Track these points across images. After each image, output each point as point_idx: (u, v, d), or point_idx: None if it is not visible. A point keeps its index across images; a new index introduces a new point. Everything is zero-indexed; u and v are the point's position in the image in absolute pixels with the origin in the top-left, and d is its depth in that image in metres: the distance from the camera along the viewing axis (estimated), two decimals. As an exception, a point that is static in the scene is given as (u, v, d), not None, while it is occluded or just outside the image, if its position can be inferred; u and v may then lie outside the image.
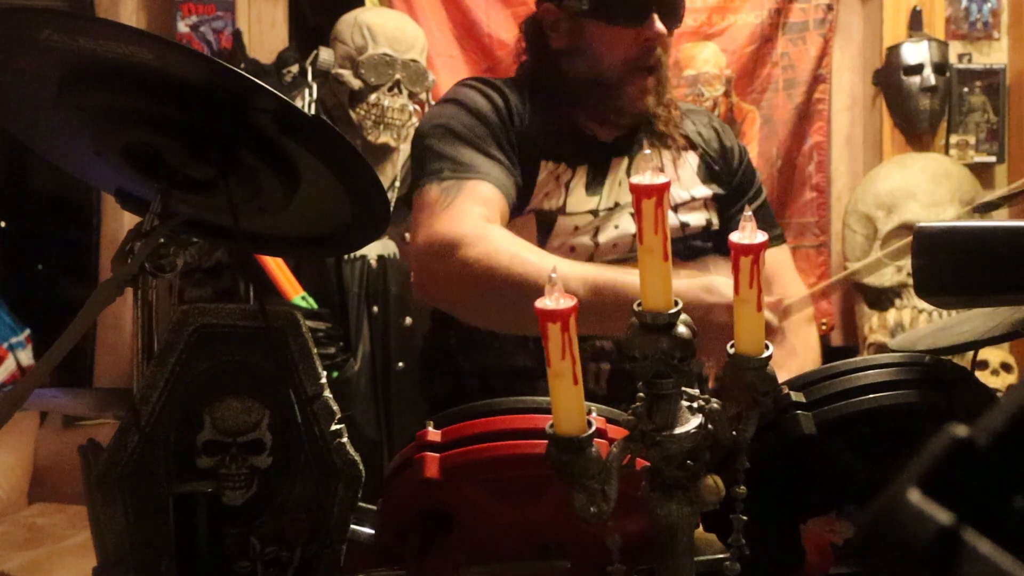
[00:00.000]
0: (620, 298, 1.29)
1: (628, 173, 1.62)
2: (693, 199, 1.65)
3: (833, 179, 3.62)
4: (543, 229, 1.56)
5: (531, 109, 1.61)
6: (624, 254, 1.57)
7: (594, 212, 1.58)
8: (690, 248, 1.63)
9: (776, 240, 1.74)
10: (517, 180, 1.54)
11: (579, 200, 1.58)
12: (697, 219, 1.64)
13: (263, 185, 1.09)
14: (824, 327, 3.52)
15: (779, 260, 1.73)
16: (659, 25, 1.53)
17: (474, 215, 1.43)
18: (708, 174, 1.69)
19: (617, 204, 1.60)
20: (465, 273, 1.39)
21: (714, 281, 1.33)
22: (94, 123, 1.06)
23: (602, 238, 1.57)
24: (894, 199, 3.34)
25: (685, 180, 1.65)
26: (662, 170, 1.53)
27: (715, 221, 1.68)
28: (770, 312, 1.33)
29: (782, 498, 1.02)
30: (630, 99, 1.58)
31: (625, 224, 1.59)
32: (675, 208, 1.62)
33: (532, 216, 1.56)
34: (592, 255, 1.56)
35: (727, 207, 1.69)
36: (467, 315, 1.52)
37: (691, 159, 1.68)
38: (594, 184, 1.59)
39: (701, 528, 0.97)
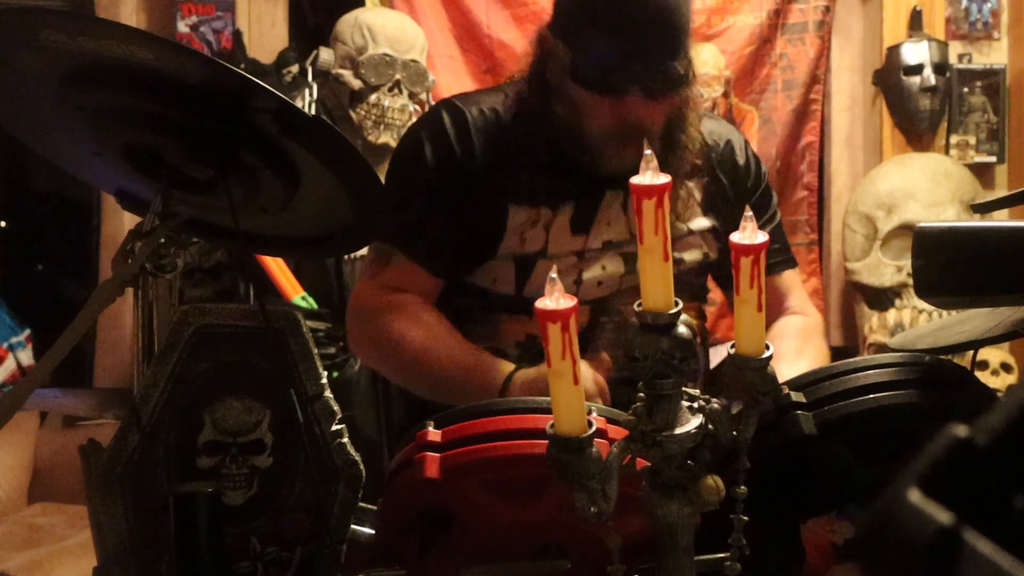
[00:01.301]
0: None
1: (624, 209, 1.50)
2: (691, 233, 1.55)
3: (833, 179, 3.63)
4: (521, 272, 1.47)
5: (503, 137, 1.48)
6: (609, 291, 1.50)
7: (579, 253, 1.49)
8: (686, 285, 1.54)
9: (786, 264, 1.65)
10: (454, 254, 1.49)
11: (563, 241, 1.48)
12: (693, 255, 1.56)
13: (263, 185, 1.09)
14: None
15: (789, 281, 1.65)
16: (639, 101, 1.38)
17: (387, 291, 1.51)
18: (710, 204, 1.58)
19: (607, 243, 1.50)
20: (381, 340, 1.52)
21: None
22: (94, 123, 1.06)
23: (586, 276, 1.48)
24: (894, 199, 3.34)
25: (684, 213, 1.54)
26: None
27: (712, 253, 1.59)
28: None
29: (782, 498, 1.02)
30: (609, 161, 1.44)
31: (613, 265, 1.50)
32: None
33: (510, 261, 1.48)
34: (575, 292, 1.45)
35: (732, 233, 1.56)
36: (385, 375, 1.69)
37: (695, 188, 1.56)
38: (581, 223, 1.48)
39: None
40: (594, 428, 0.80)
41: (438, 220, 1.49)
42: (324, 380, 1.07)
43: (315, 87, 2.88)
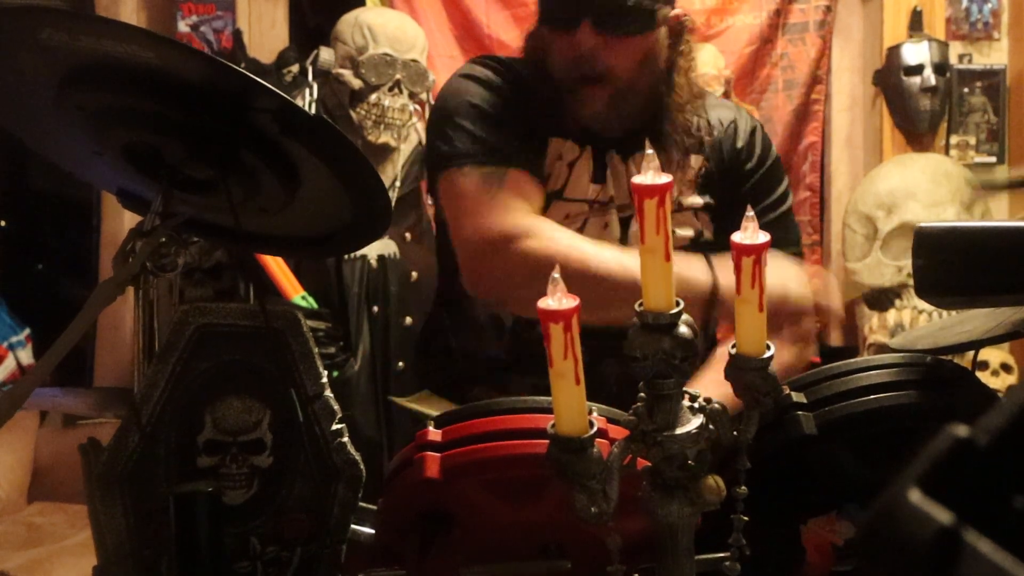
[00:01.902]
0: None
1: (627, 172, 1.55)
2: (680, 207, 1.57)
3: (833, 179, 3.63)
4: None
5: (541, 87, 1.55)
6: None
7: (591, 203, 1.54)
8: None
9: (794, 252, 1.64)
10: (543, 162, 1.52)
11: (581, 186, 1.53)
12: (684, 231, 1.57)
13: (263, 185, 1.08)
14: (817, 326, 3.52)
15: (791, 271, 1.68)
16: (590, 34, 1.42)
17: (523, 208, 1.42)
18: (707, 182, 1.60)
19: (611, 199, 1.56)
20: (525, 266, 1.36)
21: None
22: (94, 123, 1.06)
23: (589, 232, 1.51)
24: (894, 199, 3.34)
25: (681, 188, 1.57)
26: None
27: (707, 232, 1.60)
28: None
29: (782, 498, 1.02)
30: (579, 108, 1.49)
31: (613, 227, 1.54)
32: None
33: None
34: None
35: (729, 215, 1.60)
36: (521, 308, 1.48)
37: (693, 163, 1.59)
38: (597, 173, 1.53)
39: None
40: (595, 428, 0.80)
41: (526, 133, 1.50)
42: (324, 380, 1.07)
43: (315, 87, 2.88)
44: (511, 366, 1.54)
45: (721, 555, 0.91)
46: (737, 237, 0.82)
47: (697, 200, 1.59)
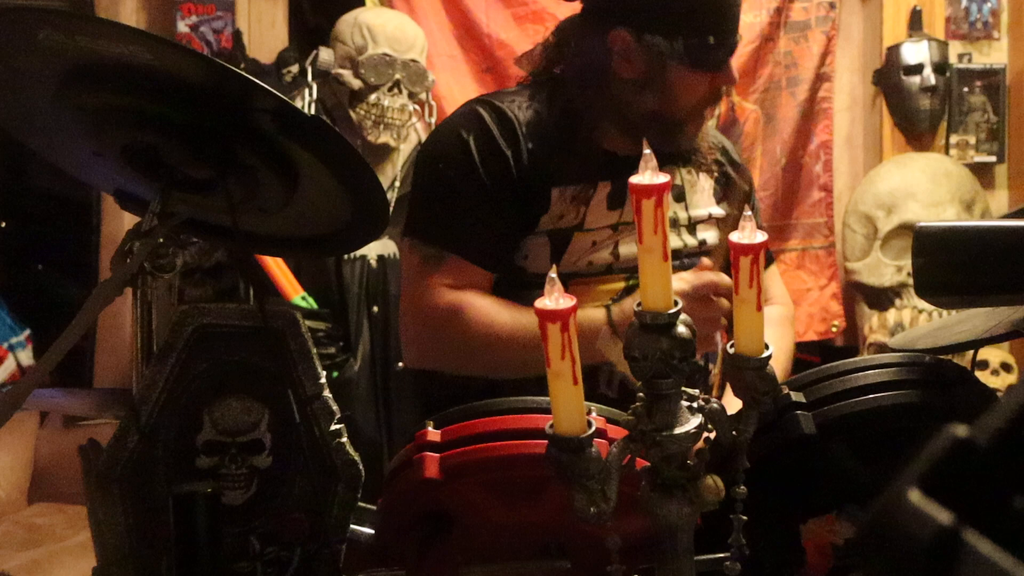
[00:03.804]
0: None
1: None
2: (711, 216, 1.65)
3: (833, 179, 3.62)
4: (557, 247, 1.52)
5: (545, 129, 1.55)
6: None
7: (614, 227, 1.55)
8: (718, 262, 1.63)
9: (769, 260, 1.81)
10: (501, 246, 1.52)
11: (599, 215, 1.55)
12: (713, 238, 1.64)
13: (263, 185, 1.08)
14: (835, 329, 3.52)
15: (770, 273, 1.78)
16: (734, 71, 1.55)
17: (446, 295, 1.50)
18: (722, 194, 1.69)
19: None
20: (447, 352, 1.51)
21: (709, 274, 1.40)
22: (94, 123, 1.06)
23: (623, 250, 1.54)
24: (894, 199, 3.33)
25: (703, 199, 1.65)
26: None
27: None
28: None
29: (782, 498, 1.02)
30: (689, 135, 1.59)
31: None
32: (694, 226, 1.61)
33: (545, 237, 1.53)
34: (611, 266, 1.54)
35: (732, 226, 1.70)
36: (462, 372, 1.58)
37: (706, 180, 1.67)
38: (618, 198, 1.56)
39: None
40: (594, 428, 0.80)
41: (489, 219, 1.52)
42: (323, 380, 1.07)
43: (315, 87, 2.88)
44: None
45: (721, 555, 0.91)
46: (735, 237, 0.82)
47: (720, 211, 1.67)
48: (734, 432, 0.85)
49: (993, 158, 3.59)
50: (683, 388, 0.84)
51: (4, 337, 3.15)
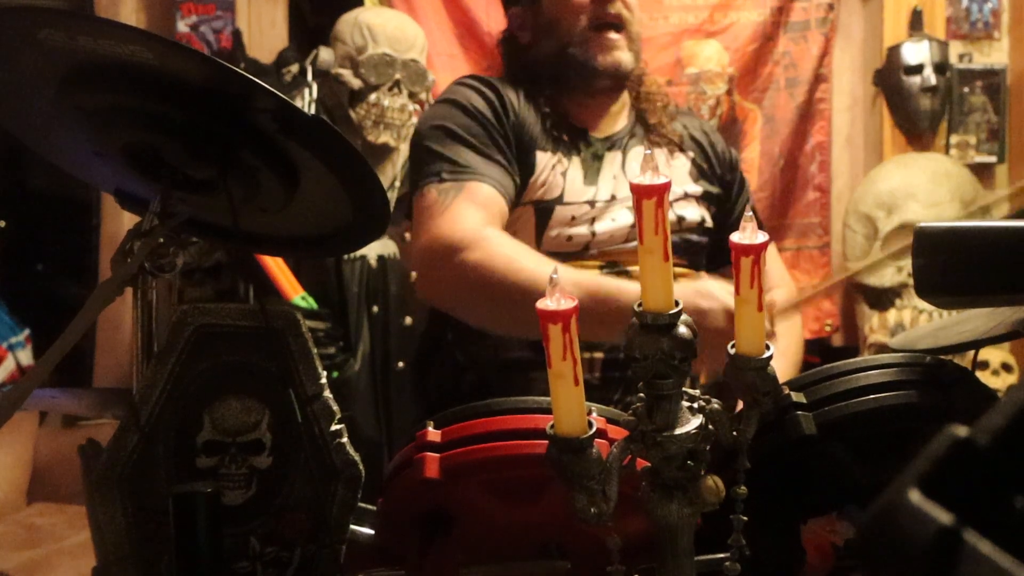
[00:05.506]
0: (618, 306, 1.32)
1: (623, 169, 1.66)
2: (686, 194, 1.69)
3: (833, 179, 3.62)
4: (541, 220, 1.59)
5: (524, 102, 1.65)
6: (620, 244, 1.62)
7: (591, 203, 1.61)
8: (687, 243, 1.67)
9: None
10: (515, 178, 1.57)
11: (577, 190, 1.61)
12: (692, 214, 1.69)
13: (263, 185, 1.08)
14: (828, 328, 3.52)
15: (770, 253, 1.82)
16: None
17: (472, 218, 1.47)
18: (699, 173, 1.73)
19: (614, 197, 1.63)
20: (463, 277, 1.45)
21: (708, 285, 1.36)
22: (94, 123, 1.06)
23: (599, 227, 1.60)
24: (894, 199, 3.33)
25: (677, 177, 1.69)
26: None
27: (708, 219, 1.72)
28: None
29: (782, 498, 1.02)
30: (600, 55, 1.63)
31: (622, 217, 1.63)
32: (670, 203, 1.64)
33: (530, 207, 1.60)
34: (588, 244, 1.59)
35: (720, 206, 1.72)
36: (465, 317, 1.57)
37: (681, 159, 1.72)
38: (590, 175, 1.63)
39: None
40: (594, 429, 0.80)
41: (496, 154, 1.58)
42: (323, 380, 1.07)
43: (315, 87, 2.88)
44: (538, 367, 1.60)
45: (721, 555, 0.91)
46: (736, 237, 0.82)
47: (697, 188, 1.71)
48: (734, 432, 0.85)
49: (993, 158, 3.59)
50: (684, 389, 0.84)
51: (4, 337, 3.15)
